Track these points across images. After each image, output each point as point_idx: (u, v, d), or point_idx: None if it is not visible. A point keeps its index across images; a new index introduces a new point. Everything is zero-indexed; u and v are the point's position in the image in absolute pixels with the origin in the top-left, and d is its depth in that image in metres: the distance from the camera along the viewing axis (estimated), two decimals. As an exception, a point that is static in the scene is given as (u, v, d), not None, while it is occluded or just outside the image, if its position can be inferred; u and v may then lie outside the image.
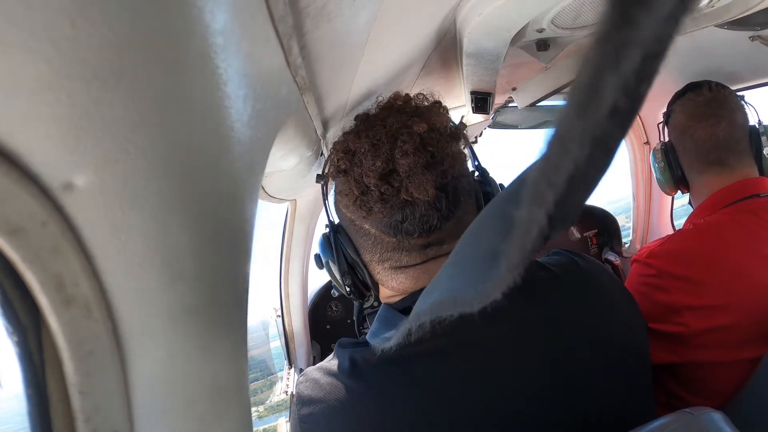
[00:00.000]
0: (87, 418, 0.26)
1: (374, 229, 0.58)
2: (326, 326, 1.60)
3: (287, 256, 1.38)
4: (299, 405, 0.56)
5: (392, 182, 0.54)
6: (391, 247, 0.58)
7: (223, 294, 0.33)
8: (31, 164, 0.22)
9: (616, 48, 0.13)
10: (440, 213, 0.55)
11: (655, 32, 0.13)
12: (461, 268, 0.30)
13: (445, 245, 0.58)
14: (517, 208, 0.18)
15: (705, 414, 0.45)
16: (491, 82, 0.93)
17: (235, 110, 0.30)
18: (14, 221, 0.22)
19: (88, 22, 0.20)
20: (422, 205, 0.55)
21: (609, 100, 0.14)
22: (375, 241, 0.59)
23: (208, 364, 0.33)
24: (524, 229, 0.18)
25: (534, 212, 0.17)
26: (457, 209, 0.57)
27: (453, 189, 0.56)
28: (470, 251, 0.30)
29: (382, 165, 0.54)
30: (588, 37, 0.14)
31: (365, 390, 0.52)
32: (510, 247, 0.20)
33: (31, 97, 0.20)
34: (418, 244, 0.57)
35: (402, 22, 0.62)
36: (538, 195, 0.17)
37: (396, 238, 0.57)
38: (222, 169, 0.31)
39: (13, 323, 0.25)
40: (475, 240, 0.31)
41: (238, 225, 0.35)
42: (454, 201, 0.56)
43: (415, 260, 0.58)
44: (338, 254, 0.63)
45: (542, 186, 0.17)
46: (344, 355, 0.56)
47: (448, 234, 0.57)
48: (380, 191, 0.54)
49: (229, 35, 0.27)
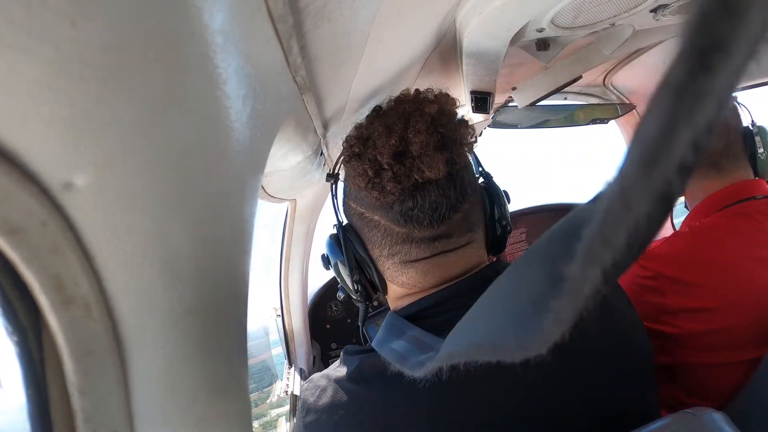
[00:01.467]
0: (87, 418, 0.26)
1: (384, 219, 0.58)
2: (326, 326, 1.60)
3: (287, 255, 1.38)
4: (304, 412, 0.56)
5: (404, 161, 0.55)
6: (400, 239, 0.58)
7: (223, 294, 0.33)
8: (31, 164, 0.22)
9: (692, 99, 0.12)
10: (449, 201, 0.56)
11: (731, 79, 0.12)
12: (500, 313, 0.29)
13: (454, 238, 0.58)
14: (567, 262, 0.17)
15: (706, 414, 0.45)
16: (491, 82, 0.93)
17: (235, 110, 0.30)
18: (14, 221, 0.22)
19: (88, 22, 0.20)
20: (432, 191, 0.55)
21: (680, 156, 0.13)
22: (384, 233, 0.59)
23: (208, 364, 0.33)
24: (576, 287, 0.17)
25: (588, 272, 0.16)
26: (464, 201, 0.57)
27: (460, 180, 0.57)
28: (510, 295, 0.29)
29: (395, 143, 0.54)
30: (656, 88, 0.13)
31: (372, 399, 0.52)
32: (559, 304, 0.19)
33: (31, 97, 0.20)
34: (426, 236, 0.57)
35: (402, 22, 0.62)
36: (594, 254, 0.16)
37: (406, 228, 0.57)
38: (222, 168, 0.31)
39: (12, 323, 0.25)
40: (516, 285, 0.29)
41: (238, 225, 0.35)
42: (462, 191, 0.57)
43: (424, 253, 0.58)
44: (347, 253, 0.63)
45: (599, 245, 0.16)
46: (351, 362, 0.56)
47: (457, 227, 0.57)
48: (393, 171, 0.54)
49: (229, 35, 0.27)
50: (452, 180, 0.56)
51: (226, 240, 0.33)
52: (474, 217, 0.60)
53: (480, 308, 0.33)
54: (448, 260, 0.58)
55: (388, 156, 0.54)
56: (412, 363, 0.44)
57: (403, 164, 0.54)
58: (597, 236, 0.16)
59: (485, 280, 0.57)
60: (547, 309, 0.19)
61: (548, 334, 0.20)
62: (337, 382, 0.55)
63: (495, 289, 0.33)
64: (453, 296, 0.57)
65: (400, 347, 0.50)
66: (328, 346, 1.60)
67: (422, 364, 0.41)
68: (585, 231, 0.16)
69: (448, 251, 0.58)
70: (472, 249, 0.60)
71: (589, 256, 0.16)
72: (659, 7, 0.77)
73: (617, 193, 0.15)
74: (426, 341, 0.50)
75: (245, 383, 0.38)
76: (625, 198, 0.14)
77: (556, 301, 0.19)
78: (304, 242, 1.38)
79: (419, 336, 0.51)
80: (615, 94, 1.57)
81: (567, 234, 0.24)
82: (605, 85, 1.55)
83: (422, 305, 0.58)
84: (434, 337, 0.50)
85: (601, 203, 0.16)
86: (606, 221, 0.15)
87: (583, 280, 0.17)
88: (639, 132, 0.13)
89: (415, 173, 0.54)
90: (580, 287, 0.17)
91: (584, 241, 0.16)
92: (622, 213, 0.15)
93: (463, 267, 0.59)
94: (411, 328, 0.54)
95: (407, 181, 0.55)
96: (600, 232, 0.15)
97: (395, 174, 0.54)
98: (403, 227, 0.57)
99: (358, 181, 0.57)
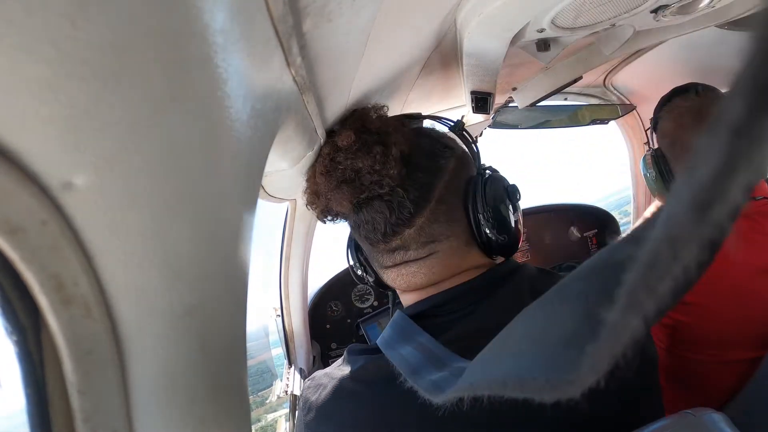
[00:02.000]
0: (86, 418, 0.26)
1: (357, 233, 0.65)
2: (326, 326, 1.60)
3: (287, 255, 1.37)
4: (306, 410, 0.56)
5: (320, 199, 0.64)
6: (370, 249, 0.65)
7: (222, 294, 0.33)
8: (31, 164, 0.22)
9: (754, 139, 0.11)
10: (386, 222, 0.59)
11: None
12: (529, 348, 0.28)
13: (411, 251, 0.61)
14: (605, 305, 0.16)
15: (706, 415, 0.45)
16: (491, 82, 0.93)
17: (235, 110, 0.30)
18: (14, 221, 0.22)
19: (88, 22, 0.19)
20: (369, 210, 0.60)
21: (738, 201, 0.12)
22: (363, 243, 0.66)
23: (207, 364, 0.33)
24: (615, 334, 0.16)
25: (629, 319, 0.16)
26: (416, 216, 0.59)
27: (399, 197, 0.59)
28: (540, 331, 0.28)
29: (312, 187, 0.66)
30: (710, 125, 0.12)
31: (374, 398, 0.52)
32: (596, 349, 0.18)
33: (31, 97, 0.20)
34: (386, 249, 0.62)
35: (402, 22, 0.62)
36: (636, 302, 0.15)
37: (368, 242, 0.63)
38: (222, 168, 0.31)
39: (12, 323, 0.25)
40: (547, 320, 0.28)
41: (237, 225, 0.35)
42: (401, 209, 0.59)
43: (390, 262, 0.63)
44: (354, 258, 0.72)
45: (642, 293, 0.15)
46: (356, 362, 0.56)
47: (411, 240, 0.60)
48: (321, 209, 0.65)
49: (229, 35, 0.27)
50: (389, 199, 0.59)
51: (226, 240, 0.33)
52: (436, 228, 0.59)
53: (506, 340, 0.32)
54: (409, 270, 0.61)
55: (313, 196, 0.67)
56: (428, 384, 0.44)
57: (320, 201, 0.65)
58: (641, 284, 0.15)
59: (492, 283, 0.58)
60: (583, 353, 0.19)
61: (583, 379, 0.19)
62: (340, 381, 0.55)
63: (523, 321, 0.31)
64: (459, 296, 0.57)
65: (411, 357, 0.50)
66: (328, 346, 1.60)
67: (440, 390, 0.41)
68: (626, 275, 0.15)
69: (409, 262, 0.61)
70: (437, 258, 0.60)
71: (632, 304, 0.15)
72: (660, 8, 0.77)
73: (664, 239, 0.14)
74: (437, 353, 0.50)
75: (245, 383, 0.38)
76: (674, 244, 0.13)
77: (593, 346, 0.18)
78: (304, 242, 1.38)
79: (430, 346, 0.51)
80: (615, 94, 1.57)
81: (603, 274, 0.23)
82: (605, 85, 1.55)
83: (431, 303, 0.59)
84: (445, 349, 0.50)
85: (643, 246, 0.14)
86: (651, 268, 0.14)
87: (624, 327, 0.16)
88: (690, 173, 0.12)
89: (334, 207, 0.63)
90: (620, 334, 0.16)
91: (626, 287, 0.15)
92: (670, 260, 0.14)
93: (427, 278, 0.61)
94: (420, 333, 0.54)
95: (333, 213, 0.65)
96: (644, 279, 0.14)
97: (324, 210, 0.65)
98: (366, 242, 0.63)
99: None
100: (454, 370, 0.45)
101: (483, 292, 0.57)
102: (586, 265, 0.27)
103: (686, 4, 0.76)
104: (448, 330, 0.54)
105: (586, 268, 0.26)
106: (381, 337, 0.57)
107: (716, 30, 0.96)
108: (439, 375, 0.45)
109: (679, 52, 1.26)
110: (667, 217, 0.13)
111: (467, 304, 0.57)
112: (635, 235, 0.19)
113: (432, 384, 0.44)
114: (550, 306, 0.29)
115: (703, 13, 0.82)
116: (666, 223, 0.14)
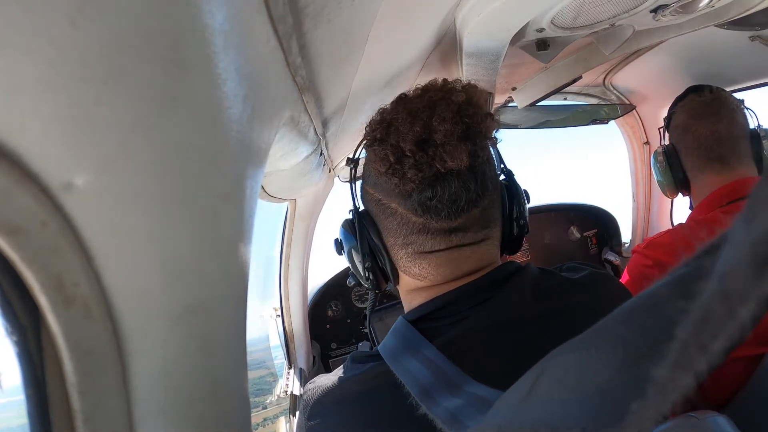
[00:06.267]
0: (86, 419, 0.26)
1: (401, 207, 0.57)
2: (326, 326, 1.60)
3: (287, 255, 1.38)
4: (308, 415, 0.56)
5: (427, 150, 0.53)
6: (416, 229, 0.57)
7: (222, 294, 0.33)
8: (31, 164, 0.22)
9: None
10: (468, 194, 0.55)
11: None
12: (560, 393, 0.27)
13: (470, 233, 0.57)
14: (655, 362, 0.15)
15: (710, 418, 0.45)
16: (491, 82, 0.93)
17: (235, 110, 0.30)
18: (14, 221, 0.22)
19: (88, 22, 0.19)
20: (453, 182, 0.54)
21: None
22: (401, 222, 0.58)
23: (207, 364, 0.33)
24: (664, 391, 0.16)
25: (680, 377, 0.15)
26: (484, 196, 0.56)
27: (482, 173, 0.56)
28: (573, 375, 0.27)
29: (420, 130, 0.53)
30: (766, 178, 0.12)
31: (378, 406, 0.52)
32: (643, 409, 0.17)
33: (31, 97, 0.20)
34: (443, 228, 0.56)
35: (402, 22, 0.62)
36: (688, 359, 0.14)
37: (423, 218, 0.56)
38: (222, 168, 0.31)
39: (12, 323, 0.25)
40: (580, 365, 0.27)
41: (238, 225, 0.35)
42: (482, 186, 0.56)
43: (439, 245, 0.57)
44: (362, 239, 0.62)
45: (695, 351, 0.14)
46: (359, 368, 0.55)
47: (474, 222, 0.57)
48: (415, 159, 0.53)
49: (229, 35, 0.27)
50: (474, 173, 0.55)
51: (226, 240, 0.33)
52: (492, 213, 0.59)
53: (536, 381, 0.30)
54: (461, 255, 0.57)
55: (411, 143, 0.53)
56: (445, 413, 0.43)
57: (426, 152, 0.53)
58: (693, 341, 0.14)
59: (494, 283, 0.57)
60: (628, 410, 0.18)
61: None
62: (344, 387, 0.55)
63: (555, 364, 0.30)
64: (462, 297, 0.57)
65: (420, 374, 0.49)
66: (328, 346, 1.60)
67: (461, 424, 0.40)
68: (677, 330, 0.14)
69: (463, 246, 0.57)
70: (487, 246, 0.59)
71: (683, 361, 0.14)
72: (659, 8, 0.77)
73: (719, 295, 0.13)
74: (446, 371, 0.49)
75: (245, 383, 0.38)
76: (730, 301, 0.13)
77: (640, 405, 0.17)
78: (304, 242, 1.38)
79: (438, 362, 0.50)
80: (615, 94, 1.57)
81: (647, 323, 0.22)
82: (605, 85, 1.55)
83: (433, 306, 0.57)
84: (453, 366, 0.49)
85: (695, 299, 0.14)
86: (705, 325, 0.13)
87: (674, 385, 0.15)
88: (748, 222, 0.12)
89: (437, 162, 0.53)
90: (669, 392, 0.15)
91: (677, 343, 0.15)
92: (725, 317, 0.13)
93: (476, 263, 0.58)
94: (425, 345, 0.53)
95: (428, 170, 0.54)
96: (697, 337, 0.14)
97: (417, 162, 0.53)
98: (420, 217, 0.56)
99: (378, 166, 0.56)
100: (471, 398, 0.43)
101: (484, 292, 0.57)
102: (623, 310, 0.25)
103: (686, 4, 0.76)
104: (445, 333, 0.54)
105: (622, 313, 0.25)
106: (383, 346, 0.56)
107: (716, 30, 0.96)
108: (455, 403, 0.44)
109: (679, 52, 1.26)
110: (724, 270, 0.13)
111: (466, 306, 0.56)
112: (683, 280, 0.18)
113: (449, 415, 0.43)
114: (585, 351, 0.27)
115: (703, 13, 0.82)
116: (722, 278, 0.13)
